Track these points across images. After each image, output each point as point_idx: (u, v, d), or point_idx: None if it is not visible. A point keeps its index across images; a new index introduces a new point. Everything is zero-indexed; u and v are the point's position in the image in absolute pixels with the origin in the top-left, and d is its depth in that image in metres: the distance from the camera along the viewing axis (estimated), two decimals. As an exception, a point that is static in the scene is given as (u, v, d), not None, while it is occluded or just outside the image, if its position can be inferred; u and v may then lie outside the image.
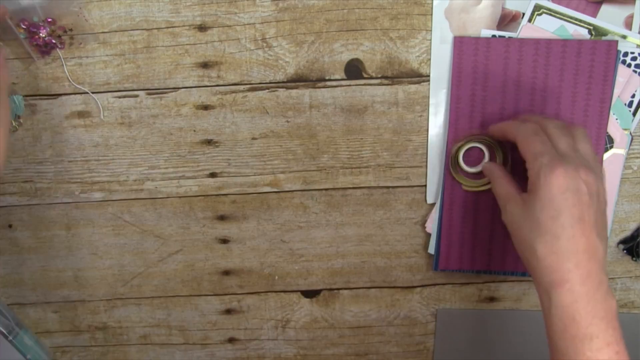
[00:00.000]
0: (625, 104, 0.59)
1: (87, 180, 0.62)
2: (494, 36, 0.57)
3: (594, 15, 0.57)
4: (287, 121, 0.60)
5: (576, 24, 0.57)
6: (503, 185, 0.50)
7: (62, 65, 0.58)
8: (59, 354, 0.69)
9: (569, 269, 0.42)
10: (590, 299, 0.42)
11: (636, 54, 0.57)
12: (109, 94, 0.59)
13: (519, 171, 0.55)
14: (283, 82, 0.59)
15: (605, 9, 0.57)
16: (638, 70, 0.58)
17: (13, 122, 0.59)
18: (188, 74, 0.59)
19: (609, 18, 0.57)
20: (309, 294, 0.66)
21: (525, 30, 0.57)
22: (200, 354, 0.69)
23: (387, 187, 0.62)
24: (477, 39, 0.57)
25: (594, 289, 0.42)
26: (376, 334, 0.68)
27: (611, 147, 0.60)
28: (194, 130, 0.61)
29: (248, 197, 0.63)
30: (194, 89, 0.59)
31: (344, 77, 0.59)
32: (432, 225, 0.62)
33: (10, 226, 0.63)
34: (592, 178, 0.43)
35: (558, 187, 0.42)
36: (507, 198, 0.48)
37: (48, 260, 0.65)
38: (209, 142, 0.61)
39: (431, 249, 0.63)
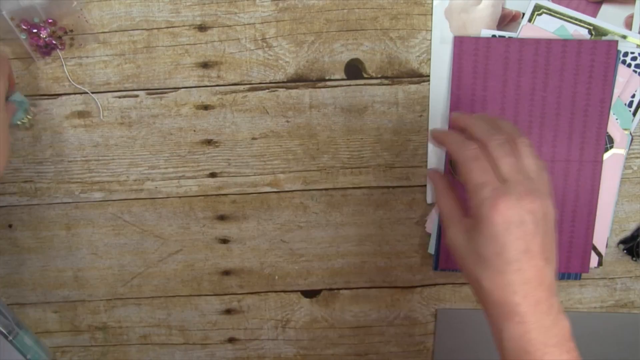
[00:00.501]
0: (625, 104, 0.59)
1: (87, 180, 0.62)
2: (494, 36, 0.57)
3: (594, 15, 0.57)
4: (287, 121, 0.60)
5: (576, 24, 0.57)
6: (446, 203, 0.47)
7: (62, 65, 0.58)
8: (59, 354, 0.69)
9: (517, 302, 0.41)
10: (541, 327, 0.41)
11: (636, 54, 0.57)
12: (109, 94, 0.59)
13: None
14: (283, 82, 0.59)
15: (605, 9, 0.57)
16: (638, 70, 0.58)
17: (27, 117, 0.59)
18: (188, 74, 0.59)
19: (609, 18, 0.57)
20: (309, 294, 0.66)
21: (525, 30, 0.57)
22: (200, 354, 0.69)
23: (387, 187, 0.62)
24: (477, 39, 0.57)
25: (545, 316, 0.41)
26: (376, 334, 0.68)
27: (611, 147, 0.60)
28: (194, 130, 0.61)
29: (248, 197, 0.63)
30: (194, 89, 0.59)
31: (344, 77, 0.59)
32: (432, 225, 0.62)
33: (10, 226, 0.63)
34: (537, 204, 0.41)
35: (501, 223, 0.41)
36: (450, 219, 0.46)
37: (48, 260, 0.65)
38: (209, 142, 0.61)
39: (431, 249, 0.63)
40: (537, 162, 0.44)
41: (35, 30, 0.56)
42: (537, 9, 0.57)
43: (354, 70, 0.59)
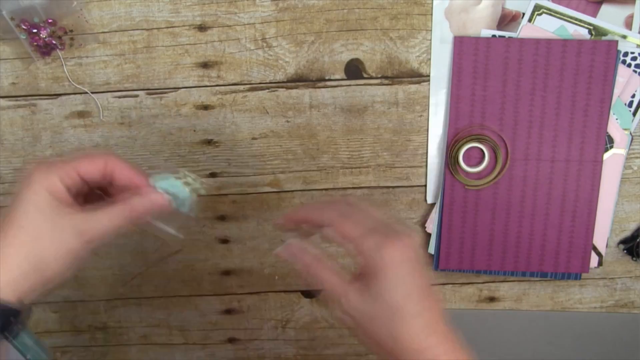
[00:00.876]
0: (625, 104, 0.59)
1: (87, 180, 0.62)
2: (494, 36, 0.57)
3: (594, 15, 0.57)
4: (287, 121, 0.60)
5: (576, 24, 0.57)
6: (326, 274, 0.42)
7: (62, 65, 0.58)
8: (59, 354, 0.69)
9: (435, 344, 0.40)
10: None
11: (636, 54, 0.57)
12: (109, 94, 0.59)
13: None
14: (283, 82, 0.59)
15: (605, 9, 0.57)
16: (638, 70, 0.58)
17: (198, 192, 0.44)
18: (188, 74, 0.59)
19: (609, 18, 0.57)
20: (309, 294, 0.66)
21: (525, 30, 0.57)
22: (201, 354, 0.69)
23: (387, 187, 0.62)
24: (477, 39, 0.57)
25: (457, 351, 0.41)
26: (376, 334, 0.68)
27: (611, 147, 0.60)
28: (194, 130, 0.61)
29: (248, 197, 0.63)
30: (194, 89, 0.59)
31: (344, 77, 0.59)
32: (432, 225, 0.62)
33: (10, 226, 0.63)
34: (410, 238, 0.40)
35: (401, 263, 0.39)
36: (338, 291, 0.41)
37: (48, 260, 0.65)
38: (209, 142, 0.61)
39: (431, 249, 0.63)
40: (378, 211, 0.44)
41: (35, 30, 0.56)
42: (537, 9, 0.57)
43: (354, 70, 0.59)
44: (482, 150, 0.59)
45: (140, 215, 0.41)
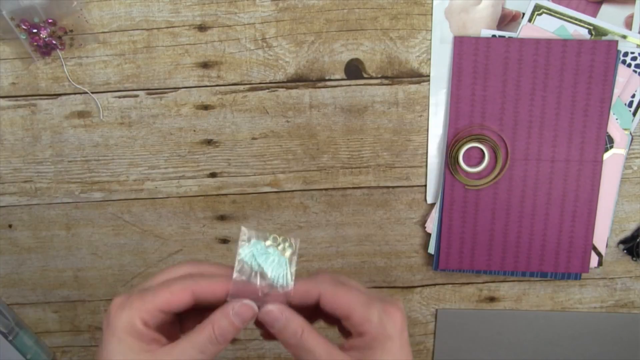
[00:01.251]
0: (625, 104, 0.59)
1: (87, 180, 0.62)
2: (494, 36, 0.57)
3: (594, 15, 0.57)
4: (287, 121, 0.60)
5: (576, 24, 0.57)
6: (319, 341, 0.39)
7: (62, 65, 0.58)
8: (59, 354, 0.69)
9: None
10: None
11: (636, 54, 0.57)
12: (109, 94, 0.59)
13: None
14: (283, 82, 0.59)
15: (605, 9, 0.57)
16: (638, 70, 0.58)
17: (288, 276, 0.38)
18: (188, 74, 0.59)
19: (609, 18, 0.57)
20: (309, 294, 0.66)
21: (525, 30, 0.57)
22: (200, 354, 0.69)
23: (387, 187, 0.62)
24: (477, 39, 0.57)
25: None
26: (376, 334, 0.68)
27: (611, 147, 0.60)
28: (194, 130, 0.61)
29: (248, 197, 0.63)
30: (194, 89, 0.59)
31: (344, 77, 0.59)
32: (432, 225, 0.62)
33: (10, 226, 0.63)
34: (401, 305, 0.40)
35: (400, 335, 0.38)
36: (333, 356, 0.39)
37: (48, 260, 0.65)
38: (209, 142, 0.61)
39: (431, 249, 0.63)
40: None
41: (35, 30, 0.56)
42: (537, 9, 0.57)
43: (354, 70, 0.59)
44: (482, 150, 0.59)
45: (229, 334, 0.39)
